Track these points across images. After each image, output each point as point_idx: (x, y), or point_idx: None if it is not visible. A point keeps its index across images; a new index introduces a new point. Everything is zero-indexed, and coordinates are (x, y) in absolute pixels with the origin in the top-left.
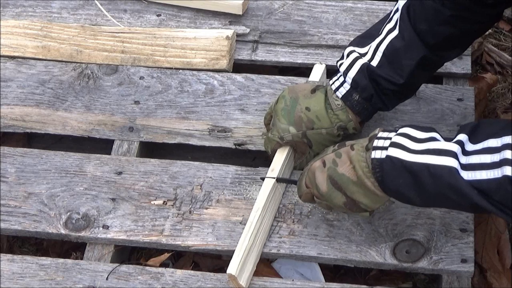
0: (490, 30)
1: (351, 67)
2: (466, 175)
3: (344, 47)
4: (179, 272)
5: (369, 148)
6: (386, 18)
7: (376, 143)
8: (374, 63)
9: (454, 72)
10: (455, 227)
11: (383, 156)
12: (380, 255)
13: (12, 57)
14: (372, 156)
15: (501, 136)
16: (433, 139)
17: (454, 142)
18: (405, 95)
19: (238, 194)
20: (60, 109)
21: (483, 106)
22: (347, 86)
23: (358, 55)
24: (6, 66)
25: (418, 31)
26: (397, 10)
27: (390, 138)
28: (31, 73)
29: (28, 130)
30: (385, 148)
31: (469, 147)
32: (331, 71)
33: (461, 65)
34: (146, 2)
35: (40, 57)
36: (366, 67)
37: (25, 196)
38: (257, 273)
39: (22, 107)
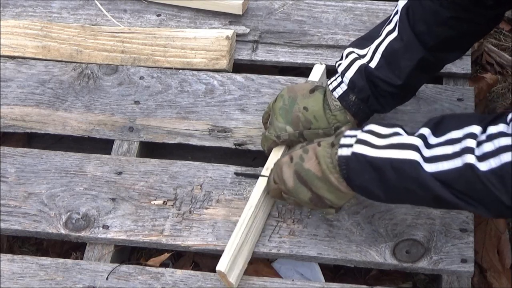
0: None
1: (349, 68)
2: (429, 167)
3: (344, 47)
4: (179, 272)
5: (334, 144)
6: (387, 20)
7: (343, 141)
8: (373, 64)
9: (454, 72)
10: (455, 227)
11: (349, 153)
12: (380, 255)
13: (12, 57)
14: (339, 154)
15: (463, 127)
16: (396, 134)
17: (417, 136)
18: (402, 98)
19: (238, 194)
20: (60, 109)
21: (483, 106)
22: (344, 87)
23: (357, 56)
24: (6, 66)
25: (417, 32)
26: (397, 12)
27: (356, 136)
28: (31, 73)
29: (28, 130)
30: (351, 146)
31: (432, 140)
32: (331, 71)
33: (461, 65)
34: (146, 2)
35: (40, 57)
36: (364, 68)
37: (25, 196)
38: (257, 273)
39: (22, 107)
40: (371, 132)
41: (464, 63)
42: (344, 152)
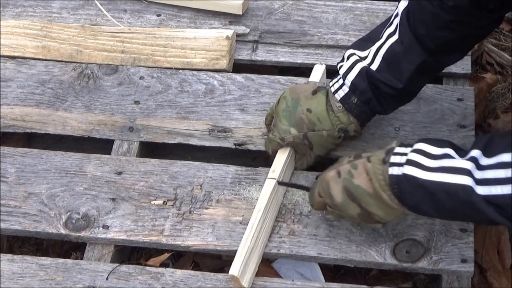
0: None
1: (351, 70)
2: (482, 190)
3: (344, 47)
4: (179, 272)
5: (386, 161)
6: (387, 22)
7: (393, 159)
8: (374, 67)
9: (454, 72)
10: (455, 227)
11: (400, 173)
12: (380, 255)
13: (12, 57)
14: (390, 173)
15: None
16: (447, 156)
17: (468, 159)
18: (404, 100)
19: (238, 194)
20: (60, 109)
21: (483, 106)
22: (346, 89)
23: (358, 58)
24: (6, 66)
25: (418, 36)
26: (397, 14)
27: (406, 154)
28: (31, 73)
29: (28, 130)
30: (401, 165)
31: (484, 161)
32: (331, 71)
33: (461, 65)
34: (146, 2)
35: (40, 57)
36: (365, 70)
37: (25, 196)
38: (257, 273)
39: (22, 107)
40: (421, 152)
41: (464, 63)
42: (395, 171)
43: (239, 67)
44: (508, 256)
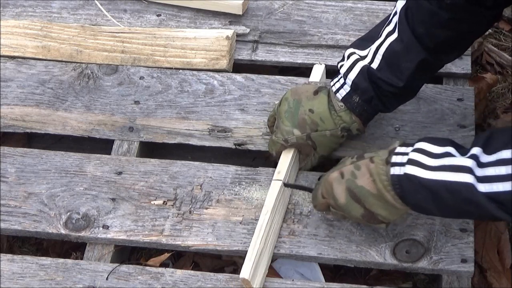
0: (490, 30)
1: (352, 69)
2: (483, 187)
3: (344, 47)
4: (179, 272)
5: (389, 162)
6: (386, 21)
7: (395, 159)
8: (374, 65)
9: (454, 72)
10: (455, 227)
11: (402, 173)
12: (380, 255)
13: (12, 57)
14: (391, 173)
15: None
16: (448, 154)
17: (469, 157)
18: (405, 97)
19: (238, 194)
20: (60, 109)
21: (483, 106)
22: (347, 88)
23: (358, 57)
24: (6, 66)
25: (417, 34)
26: (395, 13)
27: (407, 154)
28: (31, 73)
29: (28, 130)
30: (403, 165)
31: (484, 158)
32: (331, 71)
33: (461, 65)
34: (146, 2)
35: (40, 57)
36: (366, 69)
37: (25, 196)
38: None
39: (22, 107)
40: (422, 152)
41: (464, 63)
42: (396, 171)
43: (239, 67)
44: (508, 256)
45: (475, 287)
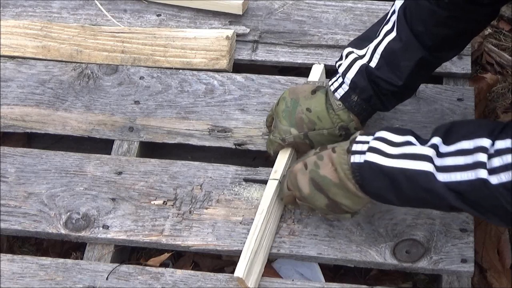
0: (490, 30)
1: (350, 68)
2: (442, 177)
3: (344, 47)
4: (179, 272)
5: (349, 150)
6: (383, 20)
7: (355, 147)
8: (373, 64)
9: (454, 72)
10: (455, 227)
11: (362, 160)
12: (380, 255)
13: (12, 57)
14: (352, 161)
15: (472, 138)
16: (408, 143)
17: (429, 146)
18: (404, 96)
19: (238, 194)
20: (60, 109)
21: (483, 106)
22: (345, 87)
23: (356, 56)
24: (6, 66)
25: (416, 33)
26: (394, 12)
27: (368, 142)
28: (31, 73)
29: (28, 130)
30: (363, 153)
31: (443, 148)
32: (331, 71)
33: (461, 65)
34: (146, 2)
35: (40, 57)
36: (365, 68)
37: (25, 196)
38: None
39: (22, 107)
40: (383, 140)
41: (464, 63)
42: (356, 159)
43: (239, 67)
44: (508, 256)
45: (475, 287)
